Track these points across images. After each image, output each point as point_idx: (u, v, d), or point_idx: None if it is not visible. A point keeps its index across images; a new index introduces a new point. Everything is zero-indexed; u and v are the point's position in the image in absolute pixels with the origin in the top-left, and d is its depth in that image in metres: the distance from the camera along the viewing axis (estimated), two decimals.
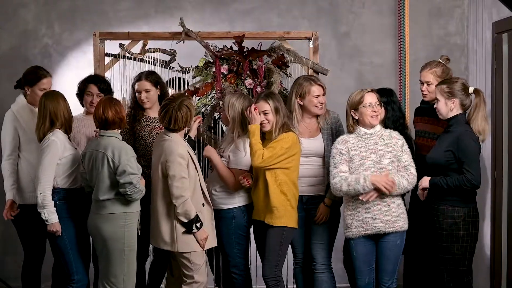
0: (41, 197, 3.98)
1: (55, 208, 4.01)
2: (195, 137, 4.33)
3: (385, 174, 3.90)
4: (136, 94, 4.46)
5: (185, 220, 3.93)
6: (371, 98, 3.98)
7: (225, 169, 4.21)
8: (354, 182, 3.88)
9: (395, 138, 4.02)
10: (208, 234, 4.02)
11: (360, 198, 3.90)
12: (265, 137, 4.16)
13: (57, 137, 4.05)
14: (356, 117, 3.98)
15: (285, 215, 4.05)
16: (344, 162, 3.95)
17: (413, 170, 3.98)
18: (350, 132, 4.04)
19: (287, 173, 4.05)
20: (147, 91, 4.41)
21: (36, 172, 4.04)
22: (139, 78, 4.46)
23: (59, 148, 4.03)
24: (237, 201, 4.22)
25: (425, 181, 3.98)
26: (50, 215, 3.99)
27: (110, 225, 3.92)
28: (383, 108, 4.15)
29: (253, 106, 4.08)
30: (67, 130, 4.14)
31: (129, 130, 4.41)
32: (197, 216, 3.95)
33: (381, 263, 4.00)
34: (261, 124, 4.09)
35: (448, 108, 3.99)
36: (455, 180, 3.88)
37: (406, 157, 3.99)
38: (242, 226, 4.23)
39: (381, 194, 3.90)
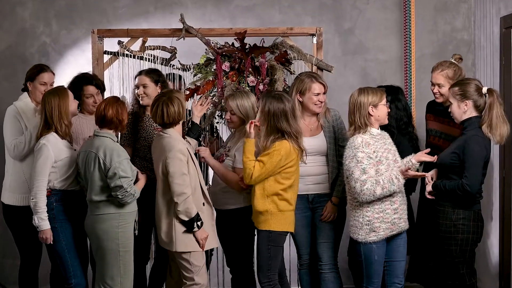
0: (33, 203, 3.94)
1: (47, 215, 3.95)
2: (200, 123, 4.29)
3: (402, 165, 3.90)
4: (135, 89, 4.41)
5: (186, 219, 3.86)
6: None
7: (222, 169, 4.14)
8: (388, 184, 3.79)
9: (389, 138, 4.02)
10: (208, 234, 3.96)
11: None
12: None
13: (48, 140, 3.97)
14: (373, 114, 3.89)
15: (271, 219, 3.96)
16: (373, 167, 3.83)
17: None
18: (359, 128, 3.88)
19: (279, 179, 3.95)
20: (144, 86, 4.36)
21: (31, 177, 3.99)
22: (140, 73, 4.43)
23: (50, 152, 3.95)
24: (242, 201, 4.14)
25: (429, 186, 4.00)
26: (41, 221, 3.94)
27: (103, 225, 3.86)
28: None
29: (254, 120, 3.97)
30: (65, 131, 4.03)
31: (130, 129, 4.34)
32: (198, 214, 3.88)
33: (396, 261, 3.97)
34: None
35: (461, 110, 3.92)
36: (452, 184, 3.86)
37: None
38: (247, 226, 4.14)
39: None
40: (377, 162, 3.84)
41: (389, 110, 3.96)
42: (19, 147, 4.21)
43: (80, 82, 4.36)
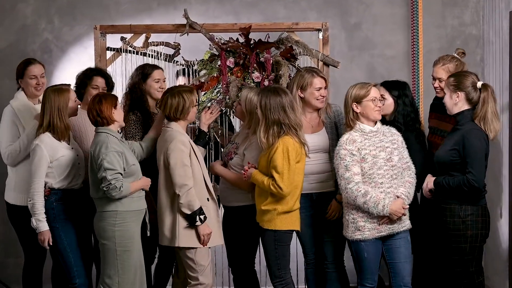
0: (30, 204, 3.90)
1: (45, 216, 3.91)
2: (208, 131, 4.27)
3: (401, 202, 3.81)
4: (154, 83, 4.32)
5: (188, 212, 3.81)
6: (375, 93, 3.88)
7: (233, 175, 4.10)
8: (372, 204, 3.75)
9: (396, 134, 3.95)
10: (212, 231, 3.90)
11: (381, 222, 3.83)
12: None
13: (42, 140, 3.92)
14: (358, 111, 3.84)
15: (277, 218, 3.90)
16: (356, 164, 3.79)
17: (413, 167, 3.93)
18: (349, 127, 3.88)
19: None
20: (164, 80, 4.34)
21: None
22: (157, 67, 4.38)
23: (44, 152, 3.90)
24: (251, 199, 4.09)
25: (430, 182, 3.92)
26: (39, 223, 3.90)
27: (101, 223, 3.82)
28: (392, 101, 4.12)
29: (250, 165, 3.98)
30: (62, 131, 3.96)
31: (141, 128, 4.27)
32: (200, 208, 3.83)
33: (399, 263, 3.89)
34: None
35: (452, 101, 3.88)
36: (456, 180, 3.79)
37: (407, 153, 3.93)
38: (253, 224, 4.07)
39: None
40: (361, 160, 3.79)
41: (380, 105, 3.90)
42: (13, 155, 4.18)
43: (93, 71, 4.32)
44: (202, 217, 3.83)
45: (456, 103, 3.86)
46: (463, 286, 3.89)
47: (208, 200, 3.94)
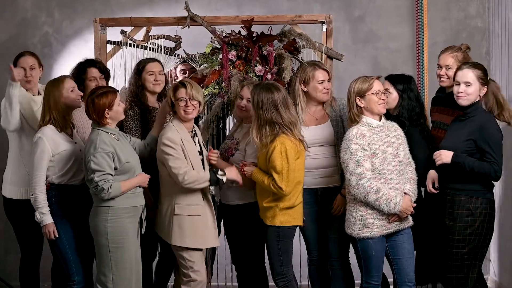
0: (33, 198, 3.88)
1: (49, 209, 3.88)
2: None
3: (409, 199, 3.78)
4: (148, 76, 4.27)
5: (207, 184, 3.80)
6: (379, 86, 3.83)
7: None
8: (384, 202, 3.70)
9: (399, 129, 3.90)
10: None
11: (391, 221, 3.79)
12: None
13: (44, 133, 3.89)
14: (362, 105, 3.79)
15: (279, 213, 3.87)
16: (367, 159, 3.73)
17: (413, 163, 3.90)
18: (353, 121, 3.82)
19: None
20: (160, 73, 4.29)
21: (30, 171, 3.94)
22: (151, 60, 4.33)
23: (46, 145, 3.87)
24: (251, 196, 4.05)
25: (446, 157, 3.75)
26: (42, 216, 3.87)
27: (95, 219, 3.79)
28: (397, 95, 4.07)
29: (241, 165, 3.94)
30: (61, 123, 3.93)
31: (139, 123, 4.22)
32: (211, 173, 3.81)
33: (403, 259, 3.85)
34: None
35: (478, 94, 3.80)
36: (484, 167, 3.71)
37: (408, 149, 3.90)
38: (256, 222, 4.04)
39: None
40: (372, 155, 3.74)
41: (384, 98, 3.84)
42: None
43: (84, 65, 4.29)
44: (219, 176, 3.80)
45: (481, 96, 3.82)
46: (461, 279, 3.83)
47: (203, 200, 3.90)
